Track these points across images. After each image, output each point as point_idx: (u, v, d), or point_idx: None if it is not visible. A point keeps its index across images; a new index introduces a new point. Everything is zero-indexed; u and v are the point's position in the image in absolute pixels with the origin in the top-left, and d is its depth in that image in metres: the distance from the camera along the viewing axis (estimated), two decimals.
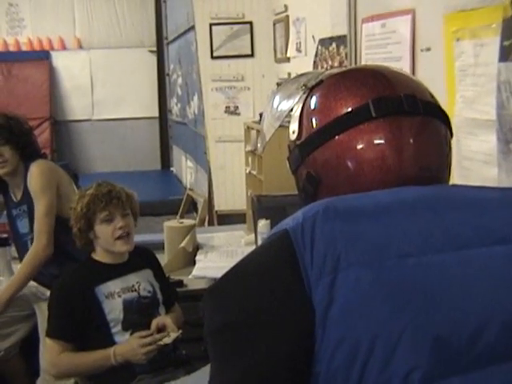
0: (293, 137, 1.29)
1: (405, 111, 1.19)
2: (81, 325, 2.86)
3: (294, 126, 1.29)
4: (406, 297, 1.00)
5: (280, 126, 1.43)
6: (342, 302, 0.99)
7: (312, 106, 1.27)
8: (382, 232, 1.06)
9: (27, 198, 3.50)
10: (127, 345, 2.83)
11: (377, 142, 1.18)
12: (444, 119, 1.25)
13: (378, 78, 1.24)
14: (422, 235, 1.06)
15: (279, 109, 1.42)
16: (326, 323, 0.99)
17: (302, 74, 1.44)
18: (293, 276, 1.02)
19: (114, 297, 2.91)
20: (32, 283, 3.61)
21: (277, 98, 1.44)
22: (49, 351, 2.94)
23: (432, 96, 1.27)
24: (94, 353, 2.86)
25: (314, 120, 1.25)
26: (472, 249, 1.07)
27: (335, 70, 1.33)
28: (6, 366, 3.72)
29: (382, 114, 1.18)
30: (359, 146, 1.19)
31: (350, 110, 1.20)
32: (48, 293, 3.47)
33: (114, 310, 2.89)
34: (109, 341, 2.88)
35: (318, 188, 1.23)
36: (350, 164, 1.19)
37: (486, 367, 0.99)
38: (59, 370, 2.94)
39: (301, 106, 1.30)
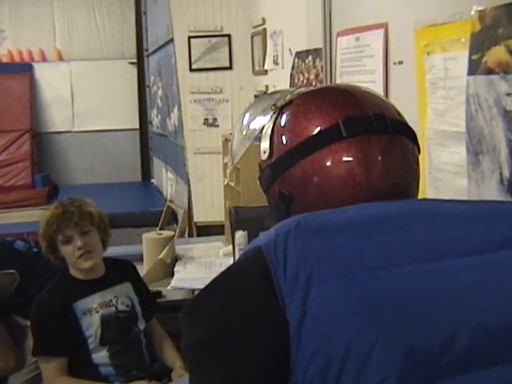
0: (264, 156, 1.31)
1: (374, 130, 1.22)
2: (62, 340, 2.87)
3: (265, 146, 1.31)
4: (377, 308, 1.02)
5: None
6: (315, 315, 1.01)
7: (283, 126, 1.29)
8: (353, 246, 1.08)
9: None
10: None
11: (347, 160, 1.21)
12: (411, 136, 1.29)
13: (346, 97, 1.27)
14: (393, 248, 1.08)
15: (250, 128, 1.45)
16: (301, 336, 1.01)
17: (271, 93, 1.46)
18: (267, 291, 1.05)
19: (91, 313, 2.91)
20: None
21: (246, 117, 1.47)
22: (47, 375, 2.92)
23: (399, 114, 1.30)
24: None
25: (285, 139, 1.27)
26: (442, 260, 1.08)
27: (304, 89, 1.35)
28: None
29: (352, 134, 1.21)
30: (330, 165, 1.21)
31: (320, 129, 1.22)
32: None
33: (91, 326, 2.89)
34: (86, 357, 2.89)
35: (291, 206, 1.26)
36: (321, 182, 1.22)
37: (458, 376, 1.00)
38: None
39: (271, 125, 1.32)
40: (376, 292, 1.03)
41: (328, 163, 1.21)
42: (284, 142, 1.27)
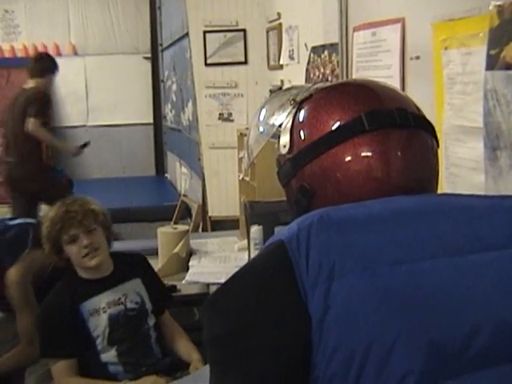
0: (284, 151, 1.30)
1: (396, 124, 1.22)
2: (70, 342, 2.87)
3: (284, 140, 1.30)
4: (399, 303, 1.02)
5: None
6: (337, 309, 1.01)
7: (303, 120, 1.28)
8: (375, 240, 1.08)
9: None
10: (141, 383, 2.83)
11: (370, 154, 1.21)
12: (431, 131, 1.29)
13: (367, 91, 1.27)
14: (415, 242, 1.08)
15: (267, 124, 1.44)
16: (322, 331, 1.01)
17: (287, 89, 1.46)
18: (289, 285, 1.04)
19: (98, 313, 2.90)
20: None
21: (263, 113, 1.47)
22: (57, 374, 2.92)
23: (418, 109, 1.30)
24: None
25: (305, 134, 1.26)
26: (463, 255, 1.09)
27: (322, 85, 1.35)
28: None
29: (375, 127, 1.20)
30: (352, 159, 1.21)
31: (342, 123, 1.22)
32: None
33: (99, 326, 2.88)
34: (95, 357, 2.89)
35: (312, 200, 1.25)
36: (343, 176, 1.22)
37: (480, 370, 1.00)
38: None
39: (291, 119, 1.31)
40: (398, 287, 1.04)
41: (349, 157, 1.21)
42: (304, 136, 1.26)
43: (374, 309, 1.01)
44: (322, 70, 4.41)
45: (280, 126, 1.35)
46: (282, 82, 5.66)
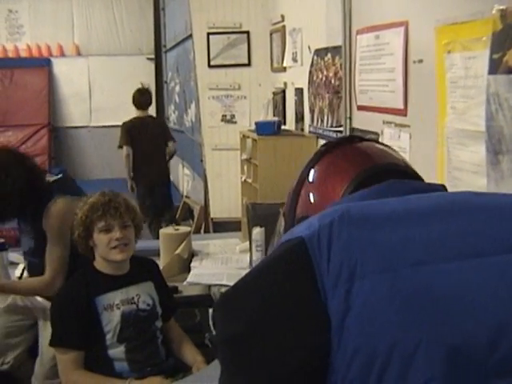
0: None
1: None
2: (81, 333, 2.88)
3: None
4: (421, 306, 0.99)
5: (274, 135, 1.48)
6: (358, 311, 0.98)
7: (311, 181, 1.33)
8: (397, 240, 1.05)
9: (35, 221, 3.38)
10: (147, 383, 2.83)
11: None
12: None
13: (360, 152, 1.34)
14: (437, 243, 1.05)
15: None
16: (342, 332, 0.97)
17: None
18: (308, 285, 1.01)
19: (112, 309, 2.91)
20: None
21: None
22: (63, 367, 2.91)
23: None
24: (110, 381, 2.86)
25: (315, 199, 1.31)
26: (486, 257, 1.05)
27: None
28: (18, 372, 3.76)
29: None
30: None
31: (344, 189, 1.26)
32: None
33: (111, 321, 2.89)
34: (102, 352, 2.89)
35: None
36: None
37: (503, 378, 0.97)
38: None
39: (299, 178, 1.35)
40: (420, 289, 1.00)
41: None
42: (314, 200, 1.31)
43: (395, 311, 0.98)
44: (325, 73, 4.42)
45: None
46: (285, 84, 5.67)
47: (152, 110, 12.32)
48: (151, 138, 7.25)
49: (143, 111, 7.54)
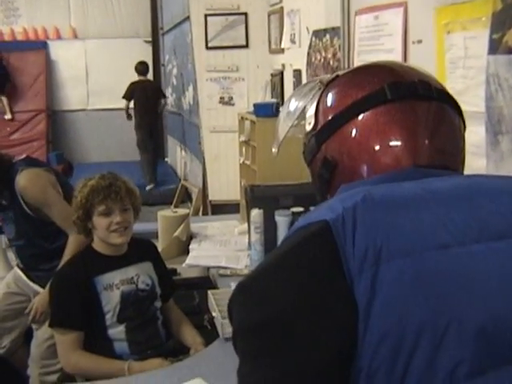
0: (309, 128, 1.31)
1: (419, 95, 1.21)
2: (81, 313, 2.88)
3: (310, 118, 1.31)
4: (448, 288, 0.98)
5: (273, 117, 1.47)
6: (385, 295, 0.97)
7: (328, 97, 1.29)
8: (420, 223, 1.03)
9: (13, 203, 3.43)
10: (147, 365, 2.83)
11: (390, 123, 1.20)
12: (457, 109, 1.27)
13: (388, 68, 1.28)
14: (460, 225, 1.04)
15: (293, 108, 1.45)
16: (369, 317, 0.96)
17: (315, 78, 1.47)
18: (334, 269, 0.99)
19: (112, 289, 2.92)
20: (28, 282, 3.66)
21: (291, 100, 1.48)
22: (62, 347, 2.90)
23: (442, 86, 1.28)
24: (110, 362, 2.86)
25: (330, 108, 1.27)
26: (507, 239, 1.04)
27: (347, 70, 1.36)
28: (14, 357, 3.77)
29: (397, 97, 1.20)
30: (373, 128, 1.20)
31: (365, 94, 1.22)
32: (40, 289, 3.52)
33: (111, 301, 2.90)
34: (102, 332, 2.90)
35: (334, 174, 1.24)
36: (365, 146, 1.21)
37: None
38: (73, 370, 2.93)
39: (316, 100, 1.32)
40: (445, 272, 1.00)
41: (371, 127, 1.20)
42: (329, 109, 1.27)
43: (422, 294, 0.97)
44: (323, 54, 4.40)
45: (304, 109, 1.37)
46: (283, 65, 5.66)
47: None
48: (148, 95, 10.16)
49: (143, 76, 10.36)
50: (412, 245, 1.01)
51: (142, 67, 10.37)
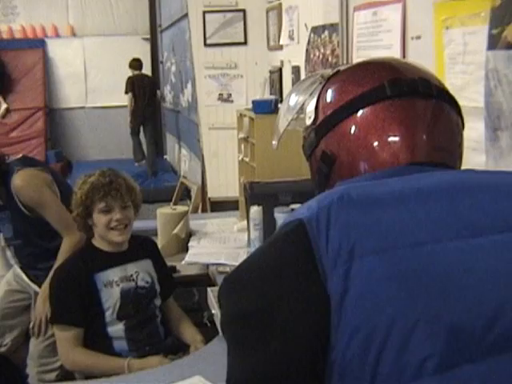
0: (309, 122, 1.32)
1: (419, 93, 1.23)
2: (81, 310, 2.88)
3: (310, 113, 1.33)
4: (420, 285, 1.00)
5: (271, 114, 1.47)
6: (357, 290, 1.00)
7: (328, 92, 1.30)
8: (397, 220, 1.06)
9: (10, 203, 3.43)
10: (147, 362, 2.82)
11: (391, 120, 1.21)
12: (456, 108, 1.28)
13: (392, 64, 1.30)
14: (437, 223, 1.06)
15: (293, 102, 1.46)
16: (342, 312, 0.99)
17: (314, 74, 1.48)
18: (308, 265, 1.03)
19: (112, 286, 2.92)
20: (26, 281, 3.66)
21: (292, 95, 1.49)
22: (62, 344, 2.91)
23: (442, 84, 1.30)
24: (110, 360, 2.86)
25: (330, 102, 1.28)
26: (486, 236, 1.06)
27: (348, 65, 1.37)
28: (15, 355, 3.77)
29: (396, 94, 1.22)
30: (373, 124, 1.22)
31: (365, 90, 1.23)
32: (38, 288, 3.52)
33: (110, 298, 2.90)
34: (102, 329, 2.89)
35: (333, 167, 1.26)
36: (363, 141, 1.22)
37: (501, 354, 0.98)
38: (73, 367, 2.95)
39: (317, 94, 1.33)
40: (419, 268, 1.02)
41: (370, 122, 1.22)
42: (329, 104, 1.28)
43: (394, 290, 1.00)
44: (322, 51, 4.39)
45: (303, 104, 1.39)
46: (281, 62, 5.64)
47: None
48: (145, 88, 10.90)
49: (138, 71, 10.98)
50: (386, 242, 1.03)
51: (137, 63, 10.99)
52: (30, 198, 3.37)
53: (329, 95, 1.30)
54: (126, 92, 10.92)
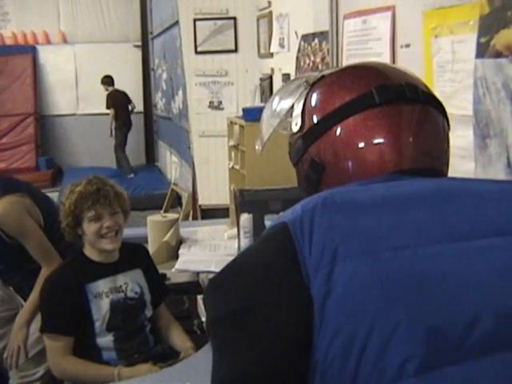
0: (295, 129, 1.31)
1: (406, 98, 1.23)
2: (71, 320, 2.87)
3: (296, 119, 1.32)
4: (401, 288, 1.01)
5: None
6: (339, 293, 1.00)
7: (315, 98, 1.30)
8: (379, 224, 1.07)
9: None
10: (137, 370, 2.81)
11: (379, 128, 1.21)
12: (442, 111, 1.29)
13: (376, 70, 1.29)
14: (419, 227, 1.07)
15: (278, 107, 1.44)
16: (324, 314, 1.00)
17: (298, 77, 1.47)
18: (292, 268, 1.04)
19: (101, 297, 2.90)
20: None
21: (276, 99, 1.47)
22: (52, 353, 2.90)
23: (428, 88, 1.30)
24: (100, 368, 2.85)
25: (317, 110, 1.28)
26: (469, 241, 1.07)
27: (333, 70, 1.36)
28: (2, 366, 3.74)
29: (384, 101, 1.22)
30: (362, 132, 1.22)
31: (353, 97, 1.23)
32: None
33: (100, 309, 2.88)
34: (91, 340, 2.88)
35: (322, 175, 1.26)
36: (352, 149, 1.22)
37: (480, 357, 0.99)
38: (63, 376, 2.93)
39: (302, 100, 1.32)
40: (401, 271, 1.03)
41: (359, 130, 1.22)
42: (316, 111, 1.28)
43: (376, 293, 1.01)
44: (312, 58, 4.41)
45: (292, 107, 1.36)
46: (272, 70, 5.66)
47: (139, 98, 12.38)
48: (121, 101, 11.49)
49: (112, 87, 11.51)
50: (369, 246, 1.04)
51: (109, 79, 11.57)
52: (10, 228, 3.33)
53: (316, 101, 1.29)
54: (108, 107, 11.52)
